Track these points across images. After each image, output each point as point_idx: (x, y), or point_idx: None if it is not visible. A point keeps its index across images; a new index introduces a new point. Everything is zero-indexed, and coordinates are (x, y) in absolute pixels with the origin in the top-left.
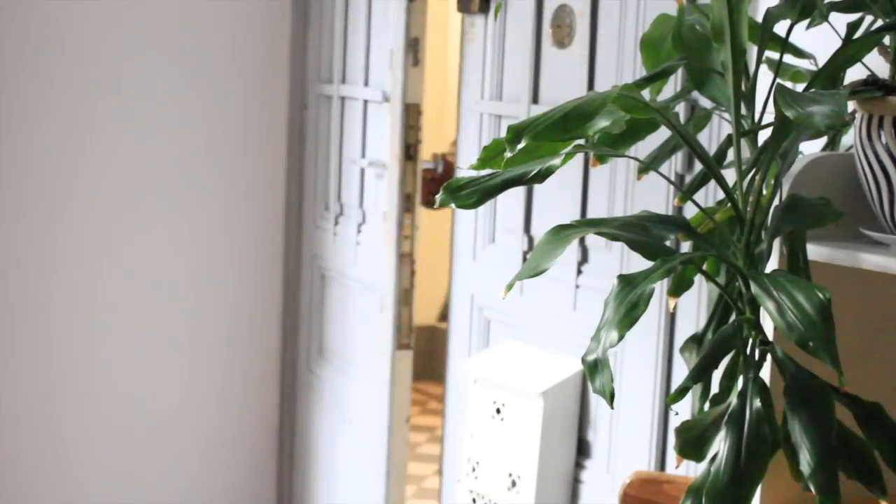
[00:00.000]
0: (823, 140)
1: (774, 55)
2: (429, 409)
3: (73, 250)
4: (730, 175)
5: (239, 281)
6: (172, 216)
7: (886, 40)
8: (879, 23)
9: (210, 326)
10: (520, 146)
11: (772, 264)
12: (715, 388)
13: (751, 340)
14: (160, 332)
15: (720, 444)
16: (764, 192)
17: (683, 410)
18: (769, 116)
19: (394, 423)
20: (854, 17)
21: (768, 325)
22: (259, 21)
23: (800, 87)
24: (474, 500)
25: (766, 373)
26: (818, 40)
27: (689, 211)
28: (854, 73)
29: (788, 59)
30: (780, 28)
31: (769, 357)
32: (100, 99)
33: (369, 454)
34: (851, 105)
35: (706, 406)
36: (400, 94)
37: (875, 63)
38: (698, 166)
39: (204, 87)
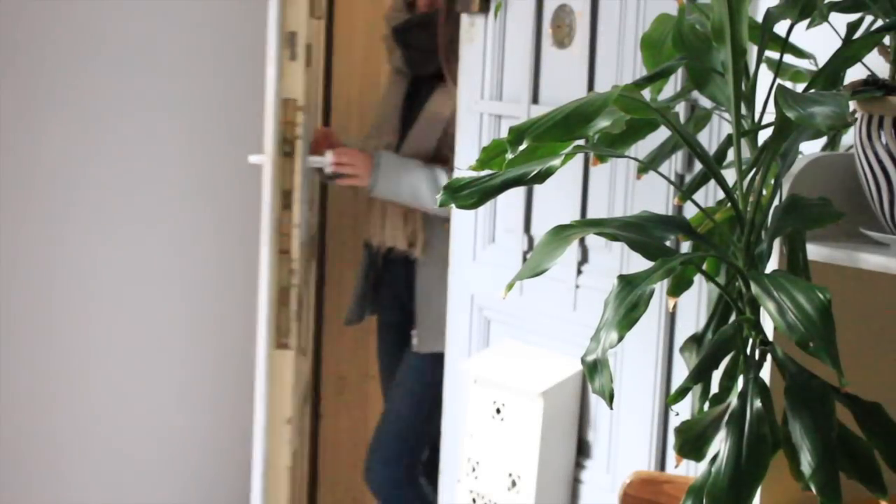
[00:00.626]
0: (823, 140)
1: (774, 55)
2: None
3: (70, 248)
4: (730, 175)
5: (237, 281)
6: (169, 215)
7: (886, 40)
8: (879, 23)
9: (206, 326)
10: (521, 147)
11: (772, 264)
12: (715, 389)
13: (751, 340)
14: (154, 332)
15: (721, 445)
16: (764, 192)
17: (683, 410)
18: (769, 116)
19: (270, 425)
20: (854, 17)
21: (768, 326)
22: (259, 21)
23: (800, 87)
24: (474, 500)
25: (766, 373)
26: (818, 40)
27: (689, 211)
28: (854, 73)
29: (788, 59)
30: (780, 28)
31: (769, 357)
32: (93, 99)
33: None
34: (852, 105)
35: (706, 406)
36: (274, 89)
37: (875, 63)
38: (698, 166)
39: (203, 85)
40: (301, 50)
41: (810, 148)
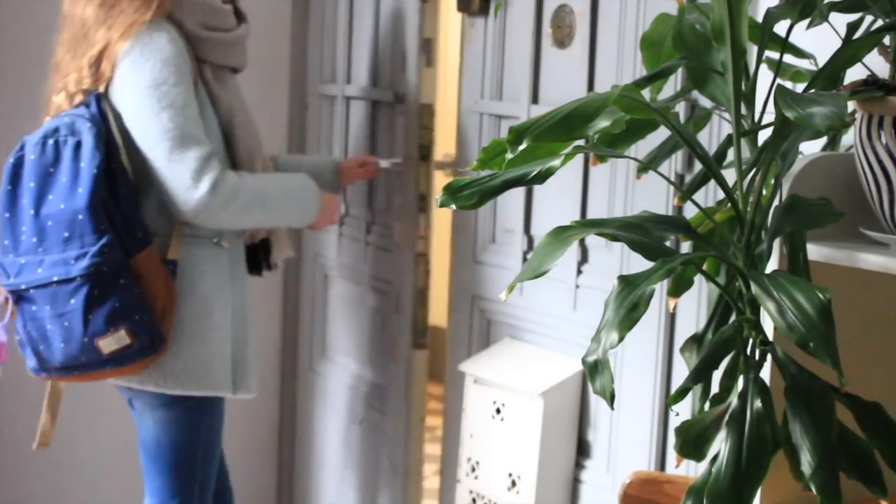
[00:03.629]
0: (823, 140)
1: (774, 55)
2: (429, 409)
3: None
4: (730, 175)
5: None
6: None
7: (886, 40)
8: (879, 23)
9: None
10: (521, 147)
11: (772, 264)
12: (715, 389)
13: (751, 341)
14: None
15: (721, 445)
16: (764, 192)
17: (684, 411)
18: (769, 116)
19: None
20: (854, 17)
21: (768, 326)
22: (259, 21)
23: (800, 88)
24: (474, 500)
25: (766, 373)
26: (818, 40)
27: (689, 211)
28: (854, 73)
29: (788, 59)
30: (780, 28)
31: (769, 357)
32: None
33: None
34: (852, 105)
35: (706, 406)
36: (414, 95)
37: (875, 63)
38: (698, 166)
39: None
40: (436, 57)
41: (810, 148)
